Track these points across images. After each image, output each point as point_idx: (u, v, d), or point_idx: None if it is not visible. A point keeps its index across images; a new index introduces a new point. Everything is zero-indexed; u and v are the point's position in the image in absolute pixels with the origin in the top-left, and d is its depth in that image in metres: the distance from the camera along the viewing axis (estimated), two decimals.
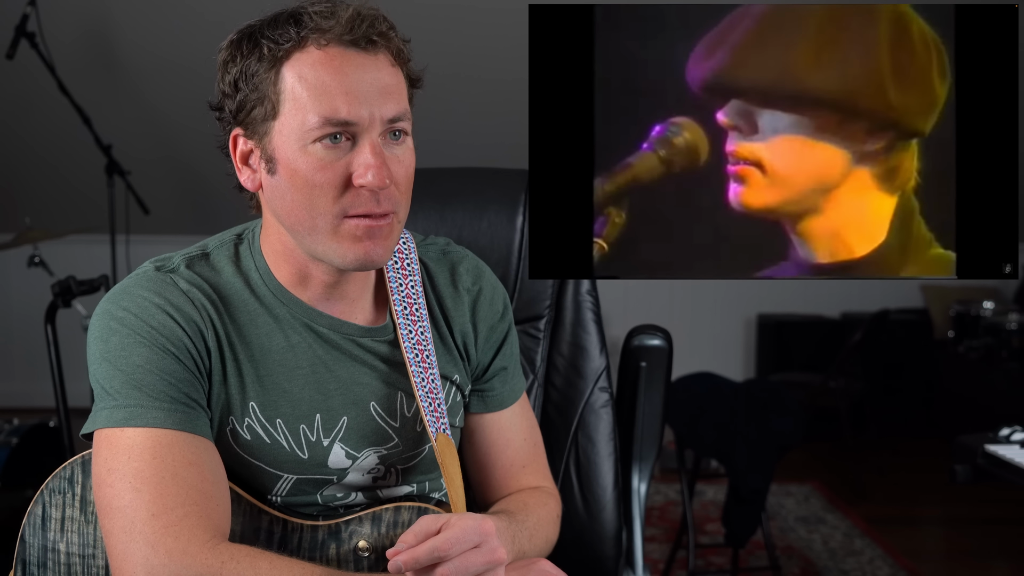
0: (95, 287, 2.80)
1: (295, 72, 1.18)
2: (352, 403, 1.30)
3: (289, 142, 1.18)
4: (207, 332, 1.23)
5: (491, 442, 1.42)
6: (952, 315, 5.18)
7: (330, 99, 1.17)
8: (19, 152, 5.02)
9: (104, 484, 1.17)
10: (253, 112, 1.20)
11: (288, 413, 1.27)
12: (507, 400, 1.43)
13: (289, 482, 1.28)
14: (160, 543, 1.13)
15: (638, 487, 1.74)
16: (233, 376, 1.25)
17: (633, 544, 1.71)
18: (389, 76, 1.20)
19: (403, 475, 1.35)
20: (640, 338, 1.73)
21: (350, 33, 1.18)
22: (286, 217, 1.22)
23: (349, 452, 1.30)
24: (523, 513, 1.34)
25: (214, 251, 1.31)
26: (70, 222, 4.88)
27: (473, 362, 1.39)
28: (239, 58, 1.20)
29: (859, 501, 4.25)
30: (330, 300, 1.29)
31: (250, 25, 1.22)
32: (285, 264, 1.28)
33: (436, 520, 1.14)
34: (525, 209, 1.70)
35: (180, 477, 1.16)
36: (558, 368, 1.73)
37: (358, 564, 1.26)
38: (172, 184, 5.14)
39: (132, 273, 1.28)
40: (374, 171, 1.17)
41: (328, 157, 1.18)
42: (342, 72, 1.17)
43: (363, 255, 1.21)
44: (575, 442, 1.70)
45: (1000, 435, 1.91)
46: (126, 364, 1.19)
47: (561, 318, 1.73)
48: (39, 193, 5.15)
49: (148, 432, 1.17)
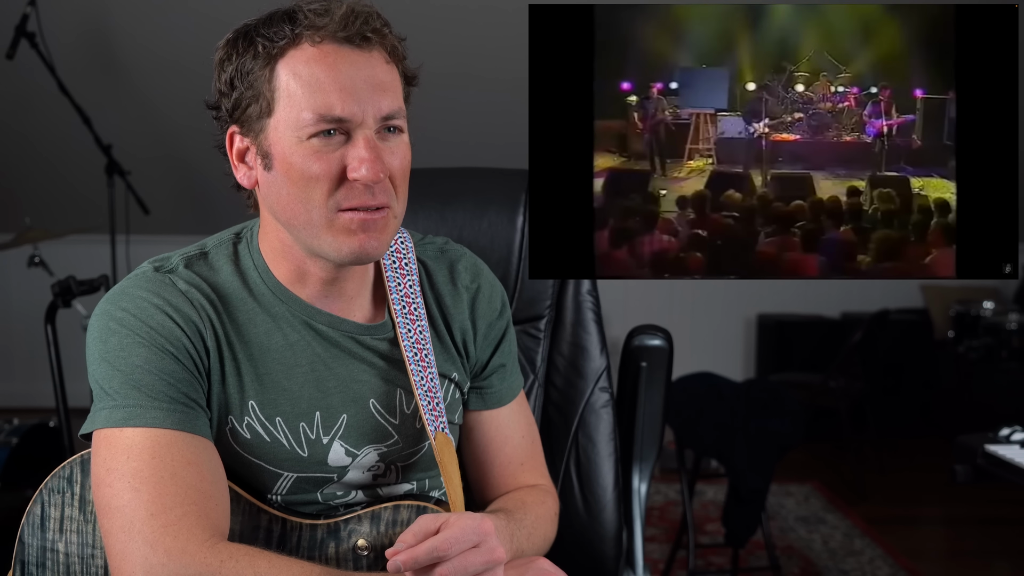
0: (95, 287, 2.80)
1: (289, 69, 1.18)
2: (352, 400, 1.30)
3: (284, 138, 1.19)
4: (206, 332, 1.23)
5: (489, 439, 1.42)
6: (952, 315, 5.18)
7: (324, 95, 1.17)
8: (19, 152, 5.02)
9: (103, 484, 1.17)
10: (249, 109, 1.21)
11: (288, 411, 1.27)
12: (505, 397, 1.43)
13: (289, 480, 1.28)
14: (159, 542, 1.13)
15: (638, 487, 1.74)
16: (232, 375, 1.25)
17: (633, 544, 1.71)
18: (383, 73, 1.21)
19: (403, 472, 1.35)
20: (640, 338, 1.73)
21: (344, 30, 1.18)
22: (282, 212, 1.23)
23: (349, 450, 1.30)
24: (521, 512, 1.34)
25: (212, 250, 1.31)
26: (70, 222, 4.87)
27: (472, 359, 1.40)
28: (235, 56, 1.21)
29: (859, 501, 4.25)
30: (328, 298, 1.29)
31: (246, 24, 1.23)
32: (283, 262, 1.28)
33: (435, 519, 1.14)
34: (525, 209, 1.69)
35: (179, 477, 1.16)
36: (558, 368, 1.73)
37: (357, 563, 1.26)
38: (172, 184, 5.14)
39: (131, 274, 1.28)
40: (368, 165, 1.18)
41: (323, 150, 1.18)
42: (336, 68, 1.18)
43: (358, 248, 1.21)
44: (575, 442, 1.70)
45: (1000, 435, 1.91)
46: (125, 364, 1.19)
47: (561, 318, 1.73)
48: (39, 193, 5.15)
49: (147, 432, 1.17)
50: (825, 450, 4.81)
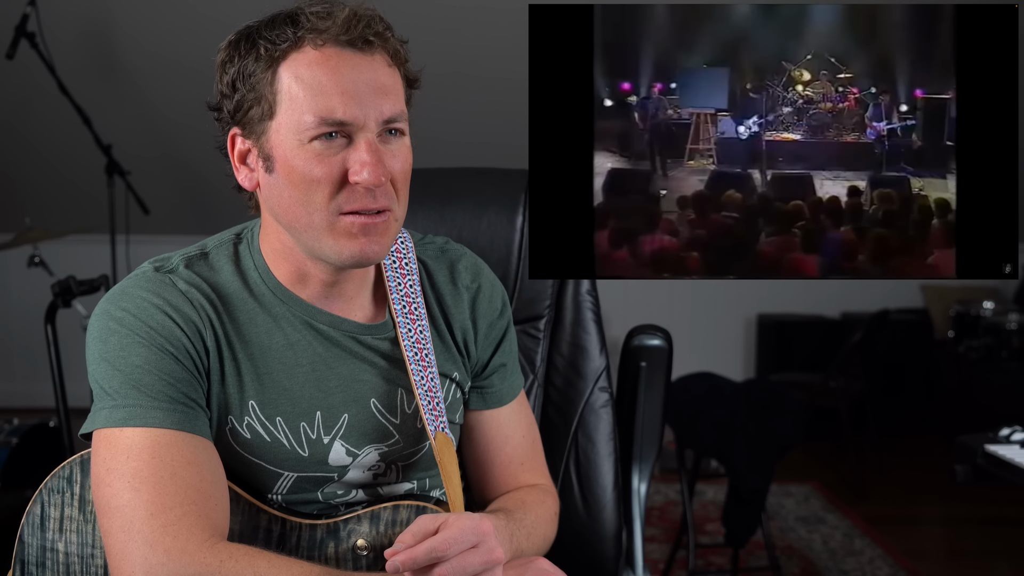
0: (95, 287, 2.80)
1: (292, 72, 1.18)
2: (353, 400, 1.30)
3: (286, 141, 1.19)
4: (205, 332, 1.23)
5: (490, 439, 1.43)
6: (952, 315, 5.18)
7: (326, 99, 1.17)
8: (19, 152, 5.02)
9: (103, 483, 1.17)
10: (250, 112, 1.21)
11: (288, 411, 1.27)
12: (506, 397, 1.43)
13: (290, 480, 1.28)
14: (159, 542, 1.13)
15: (638, 487, 1.74)
16: (232, 375, 1.25)
17: (633, 544, 1.71)
18: (385, 76, 1.21)
19: (404, 472, 1.35)
20: (640, 338, 1.73)
21: (346, 33, 1.18)
22: (283, 215, 1.23)
23: (350, 449, 1.30)
24: (521, 511, 1.34)
25: (213, 251, 1.31)
26: (70, 222, 4.87)
27: (473, 359, 1.40)
28: (237, 59, 1.21)
29: (859, 501, 4.25)
30: (329, 298, 1.30)
31: (248, 26, 1.23)
32: (284, 263, 1.28)
33: (434, 520, 1.14)
34: (525, 209, 1.69)
35: (179, 477, 1.16)
36: (558, 368, 1.73)
37: (357, 563, 1.26)
38: (172, 184, 5.14)
39: (131, 274, 1.28)
40: (369, 168, 1.18)
41: (324, 153, 1.18)
42: (338, 72, 1.18)
43: (359, 251, 1.21)
44: (575, 442, 1.70)
45: (1000, 435, 1.91)
46: (125, 364, 1.19)
47: (561, 318, 1.73)
48: (39, 193, 5.15)
49: (147, 432, 1.17)
50: (825, 450, 4.81)
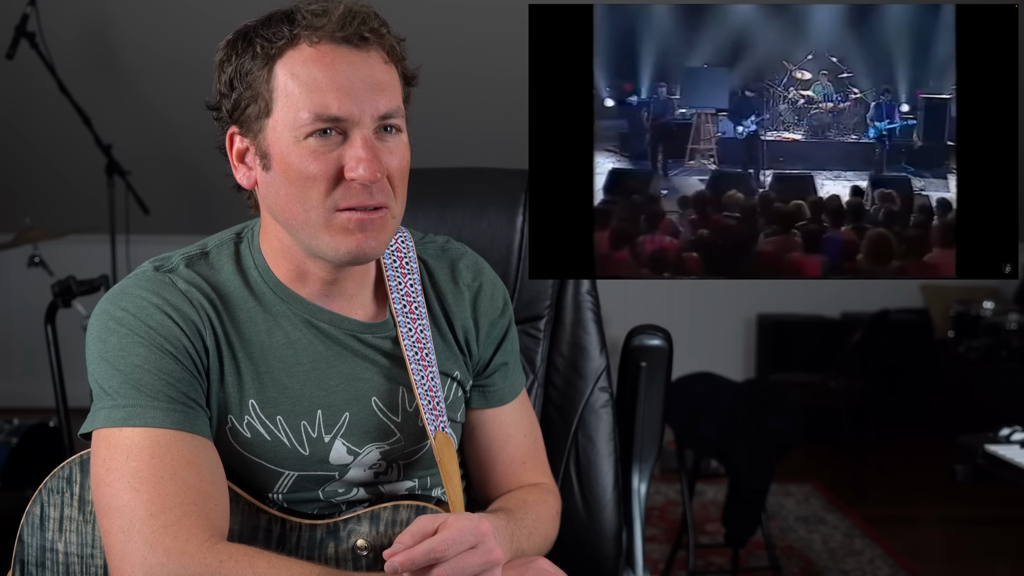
0: (95, 287, 2.80)
1: (287, 69, 1.19)
2: (354, 398, 1.30)
3: (282, 138, 1.19)
4: (205, 331, 1.23)
5: (492, 438, 1.42)
6: (952, 315, 5.18)
7: (321, 95, 1.17)
8: (19, 152, 5.02)
9: (103, 483, 1.17)
10: (248, 110, 1.21)
11: (288, 410, 1.27)
12: (508, 396, 1.43)
13: (291, 479, 1.28)
14: (158, 542, 1.13)
15: (638, 487, 1.74)
16: (231, 374, 1.25)
17: (633, 544, 1.71)
18: (381, 73, 1.21)
19: (405, 470, 1.35)
20: (640, 338, 1.73)
21: (342, 30, 1.18)
22: (281, 212, 1.23)
23: (351, 448, 1.30)
24: (522, 511, 1.34)
25: (213, 250, 1.31)
26: (70, 222, 4.87)
27: (474, 358, 1.40)
28: (234, 57, 1.22)
29: (859, 501, 4.25)
30: (329, 297, 1.30)
31: (246, 25, 1.23)
32: (283, 261, 1.28)
33: (433, 520, 1.14)
34: (525, 209, 1.69)
35: (178, 477, 1.16)
36: (558, 368, 1.73)
37: (356, 563, 1.26)
38: (172, 184, 5.14)
39: (131, 273, 1.28)
40: (365, 164, 1.18)
41: (320, 150, 1.18)
42: (333, 68, 1.18)
43: (355, 248, 1.21)
44: (575, 442, 1.70)
45: (1000, 435, 1.91)
46: (124, 364, 1.19)
47: (561, 318, 1.73)
48: (39, 193, 5.14)
49: (146, 432, 1.17)
50: (825, 450, 4.81)
